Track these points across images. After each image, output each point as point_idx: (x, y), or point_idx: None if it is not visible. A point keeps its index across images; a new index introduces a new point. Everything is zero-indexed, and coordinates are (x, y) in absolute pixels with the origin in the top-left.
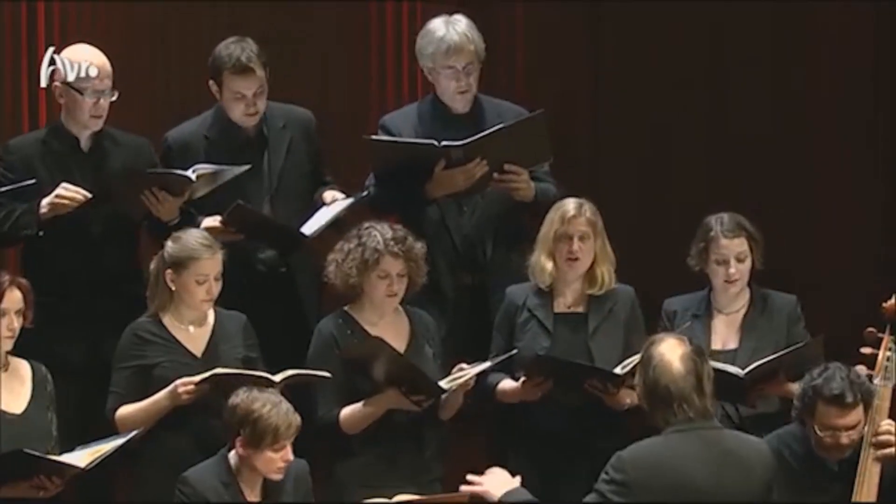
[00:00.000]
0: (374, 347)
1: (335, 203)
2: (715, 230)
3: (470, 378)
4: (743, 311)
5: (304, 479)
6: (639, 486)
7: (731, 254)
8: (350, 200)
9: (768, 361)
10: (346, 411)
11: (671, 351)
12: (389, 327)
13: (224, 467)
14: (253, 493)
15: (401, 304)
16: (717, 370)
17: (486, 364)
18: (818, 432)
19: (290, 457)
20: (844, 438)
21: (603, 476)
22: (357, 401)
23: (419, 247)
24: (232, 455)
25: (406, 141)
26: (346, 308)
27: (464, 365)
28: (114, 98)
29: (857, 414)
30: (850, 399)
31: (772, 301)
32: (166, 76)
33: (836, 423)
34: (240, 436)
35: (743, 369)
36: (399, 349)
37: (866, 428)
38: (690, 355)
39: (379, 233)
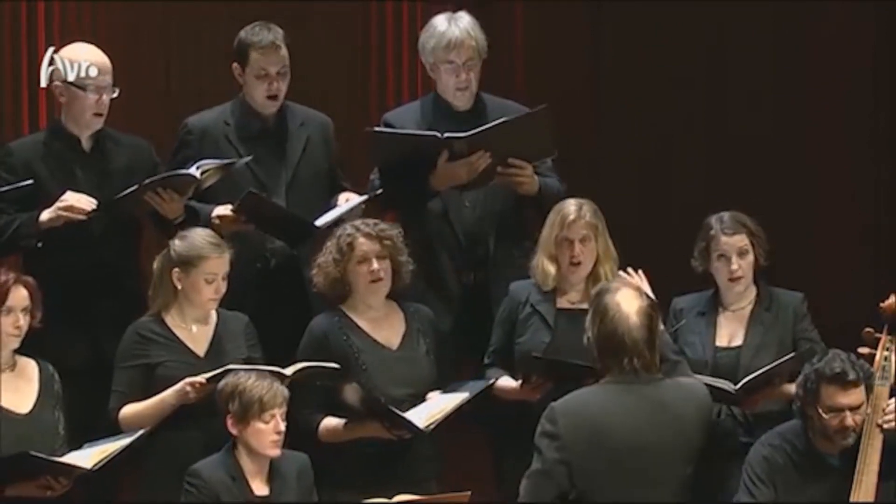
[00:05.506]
0: (354, 394)
1: (348, 202)
2: (715, 228)
3: (449, 413)
4: (749, 308)
5: (307, 472)
6: (567, 436)
7: (732, 250)
8: (363, 197)
9: (763, 373)
10: (328, 426)
11: (628, 302)
12: (383, 322)
13: (231, 461)
14: (259, 487)
15: (396, 300)
16: (707, 386)
17: (465, 395)
18: (824, 416)
19: (282, 427)
20: (849, 420)
21: (538, 429)
22: (340, 414)
23: (394, 231)
24: (238, 450)
25: (409, 133)
26: (340, 306)
27: (433, 394)
28: (115, 95)
29: (859, 394)
30: (851, 376)
31: (778, 298)
32: (166, 76)
33: (841, 403)
34: (230, 414)
35: (747, 366)
36: (393, 345)
37: (864, 426)
38: (646, 309)
39: (350, 224)
